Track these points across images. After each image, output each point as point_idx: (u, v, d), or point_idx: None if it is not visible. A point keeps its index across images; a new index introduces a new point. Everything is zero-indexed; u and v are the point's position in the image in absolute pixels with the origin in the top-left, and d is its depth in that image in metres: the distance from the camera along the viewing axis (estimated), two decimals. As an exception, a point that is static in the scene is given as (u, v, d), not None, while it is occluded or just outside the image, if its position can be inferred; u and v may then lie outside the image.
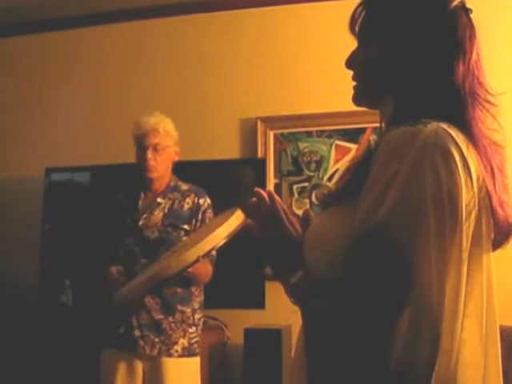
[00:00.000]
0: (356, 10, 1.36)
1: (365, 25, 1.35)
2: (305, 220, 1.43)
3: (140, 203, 3.45)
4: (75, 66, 5.11)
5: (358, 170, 1.28)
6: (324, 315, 1.16)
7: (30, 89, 5.20)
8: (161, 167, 3.42)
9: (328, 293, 1.16)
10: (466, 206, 1.12)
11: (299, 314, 1.28)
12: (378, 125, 1.40)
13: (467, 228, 1.13)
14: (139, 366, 3.31)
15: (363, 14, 1.35)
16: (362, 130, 4.38)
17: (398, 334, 1.04)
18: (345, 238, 1.14)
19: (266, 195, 1.33)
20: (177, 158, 3.52)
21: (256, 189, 1.34)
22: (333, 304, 1.14)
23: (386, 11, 1.31)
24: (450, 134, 1.14)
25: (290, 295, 1.28)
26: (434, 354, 1.06)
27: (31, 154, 5.03)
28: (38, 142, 5.06)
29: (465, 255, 1.12)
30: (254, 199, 1.33)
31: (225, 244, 2.60)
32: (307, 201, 4.43)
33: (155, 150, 3.39)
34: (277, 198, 1.33)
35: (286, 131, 4.58)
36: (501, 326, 1.27)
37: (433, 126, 1.14)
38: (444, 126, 1.15)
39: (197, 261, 2.91)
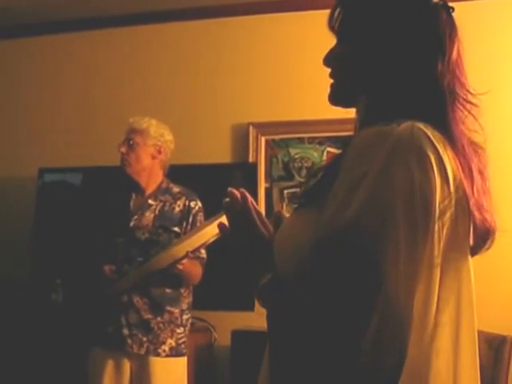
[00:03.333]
0: (335, 6, 1.31)
1: (343, 21, 1.30)
2: (277, 221, 1.36)
3: (131, 204, 3.46)
4: (69, 68, 5.11)
5: (328, 171, 1.22)
6: (291, 319, 1.11)
7: (25, 90, 5.20)
8: (134, 162, 3.43)
9: (294, 296, 1.12)
10: (439, 205, 1.06)
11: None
12: None
13: (440, 230, 1.07)
14: (127, 365, 3.32)
15: (341, 10, 1.30)
16: (353, 138, 4.39)
17: (365, 339, 0.99)
18: (311, 240, 1.09)
19: (238, 195, 1.29)
20: (162, 157, 3.51)
21: (229, 189, 1.30)
22: (299, 308, 1.09)
23: (364, 8, 1.27)
24: (425, 134, 1.09)
25: (258, 297, 1.24)
26: (398, 362, 1.02)
27: (25, 154, 5.03)
28: (32, 142, 5.06)
29: (437, 261, 1.07)
30: (227, 199, 1.29)
31: (215, 242, 2.62)
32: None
33: (129, 145, 3.43)
34: (249, 198, 1.30)
35: (277, 137, 4.58)
36: (487, 334, 1.22)
37: (407, 125, 1.09)
38: (420, 125, 1.10)
39: (186, 256, 2.95)
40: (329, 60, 1.33)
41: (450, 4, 1.27)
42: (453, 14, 1.26)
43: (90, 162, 4.74)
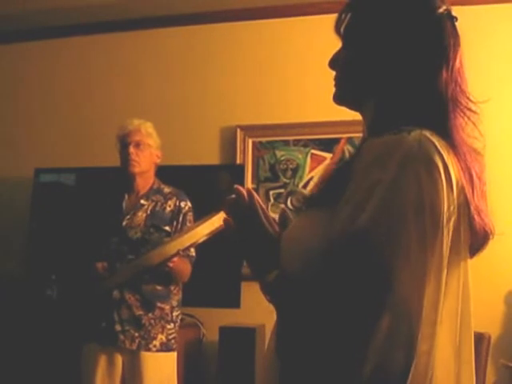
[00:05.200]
0: (342, 10, 1.31)
1: (350, 26, 1.30)
2: (281, 219, 1.38)
3: (124, 204, 3.48)
4: (65, 71, 5.12)
5: (339, 175, 1.25)
6: (300, 317, 1.11)
7: (22, 92, 5.21)
8: (143, 163, 3.45)
9: (304, 294, 1.12)
10: (445, 211, 1.09)
11: (274, 313, 1.23)
12: (352, 135, 1.36)
13: (446, 234, 1.10)
14: (119, 359, 3.34)
15: (349, 15, 1.31)
16: (337, 140, 4.41)
17: (375, 339, 1.01)
18: (322, 240, 1.11)
19: (244, 192, 1.27)
20: (158, 161, 3.57)
21: (235, 186, 1.28)
22: (309, 306, 1.10)
23: (372, 14, 1.27)
24: (432, 143, 1.11)
25: (266, 293, 1.23)
26: (409, 360, 1.03)
27: (22, 155, 5.04)
28: (28, 143, 5.06)
29: (444, 263, 1.09)
30: (233, 196, 1.28)
31: (205, 241, 2.65)
32: (283, 206, 4.48)
33: (137, 146, 3.44)
34: (255, 195, 1.29)
35: (264, 139, 4.60)
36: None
37: (416, 134, 1.11)
38: (427, 133, 1.12)
39: (177, 254, 2.96)
40: (334, 63, 1.34)
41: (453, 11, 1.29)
42: (456, 24, 1.27)
43: (85, 163, 4.76)
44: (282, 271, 1.19)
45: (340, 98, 1.33)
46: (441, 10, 1.24)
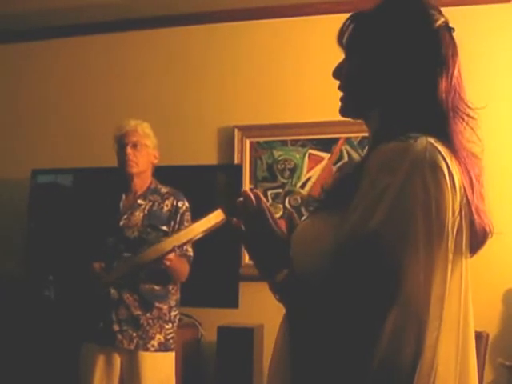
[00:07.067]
0: (345, 23, 1.36)
1: (352, 38, 1.35)
2: (289, 221, 1.43)
3: (121, 204, 3.47)
4: (62, 72, 5.11)
5: (348, 180, 1.29)
6: (312, 314, 1.17)
7: (18, 93, 5.20)
8: (140, 164, 3.45)
9: (315, 293, 1.18)
10: (450, 213, 1.14)
11: (272, 313, 1.31)
12: (350, 135, 1.40)
13: (451, 235, 1.15)
14: (117, 359, 3.33)
15: (351, 27, 1.36)
16: (335, 140, 4.40)
17: (384, 334, 1.07)
18: (332, 242, 1.17)
19: (252, 196, 1.32)
20: (156, 162, 3.56)
21: (243, 189, 1.35)
22: (320, 304, 1.16)
23: (374, 27, 1.32)
24: (437, 149, 1.16)
25: (276, 293, 1.28)
26: (417, 354, 1.09)
27: (19, 156, 5.03)
28: (26, 144, 5.05)
29: (449, 260, 1.15)
30: (241, 199, 1.33)
31: (203, 241, 2.65)
32: (281, 206, 4.47)
33: (134, 146, 3.44)
34: (263, 198, 1.34)
35: (261, 139, 4.59)
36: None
37: (422, 141, 1.16)
38: (432, 140, 1.17)
39: (173, 250, 2.97)
40: (338, 74, 1.39)
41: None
42: (453, 34, 1.32)
43: (82, 164, 4.74)
44: (293, 271, 1.25)
45: (345, 111, 1.38)
46: (439, 23, 1.29)
